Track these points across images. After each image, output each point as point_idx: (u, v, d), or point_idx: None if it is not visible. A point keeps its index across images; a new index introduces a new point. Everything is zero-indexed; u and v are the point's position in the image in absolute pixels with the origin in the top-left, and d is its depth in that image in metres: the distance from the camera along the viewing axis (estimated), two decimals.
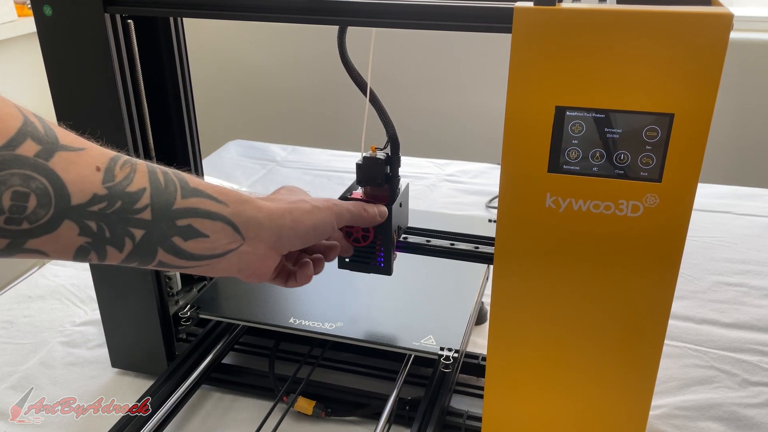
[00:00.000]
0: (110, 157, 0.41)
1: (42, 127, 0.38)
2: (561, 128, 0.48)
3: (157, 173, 0.43)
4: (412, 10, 0.53)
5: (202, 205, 0.44)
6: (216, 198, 0.45)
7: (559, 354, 0.57)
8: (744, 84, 1.85)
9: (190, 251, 0.45)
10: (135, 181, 0.41)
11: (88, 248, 0.40)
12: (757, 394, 0.76)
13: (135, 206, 0.41)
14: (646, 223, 0.49)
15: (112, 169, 0.40)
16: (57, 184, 0.37)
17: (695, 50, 0.44)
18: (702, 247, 1.08)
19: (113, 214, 0.40)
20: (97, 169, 0.40)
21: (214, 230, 0.45)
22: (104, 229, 0.40)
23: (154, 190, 0.42)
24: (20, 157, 0.36)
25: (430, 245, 0.67)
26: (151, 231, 0.42)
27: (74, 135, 0.40)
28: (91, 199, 0.39)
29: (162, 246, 0.43)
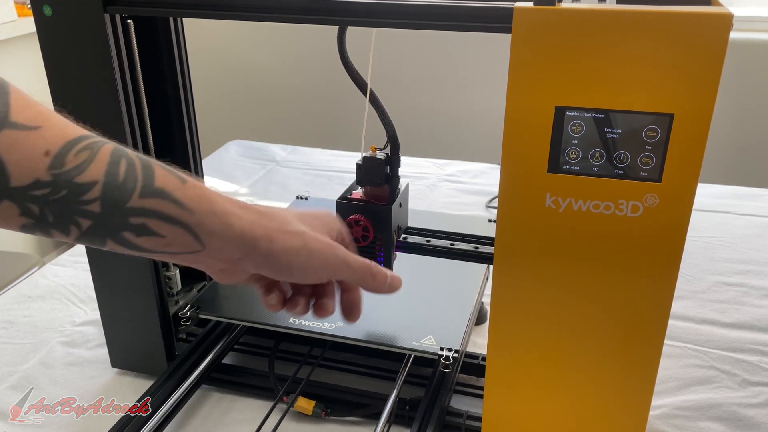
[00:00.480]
0: (67, 141, 0.37)
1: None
2: (561, 128, 0.48)
3: (119, 166, 0.39)
4: (412, 10, 0.53)
5: (162, 207, 0.40)
6: (180, 203, 0.41)
7: (559, 354, 0.57)
8: (744, 84, 1.85)
9: (143, 246, 0.41)
10: (87, 172, 0.38)
11: (33, 227, 0.38)
12: (757, 394, 0.76)
13: (82, 197, 0.38)
14: (646, 223, 0.49)
15: (64, 156, 0.37)
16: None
17: (695, 50, 0.44)
18: (702, 247, 1.08)
19: (57, 201, 0.37)
20: (45, 153, 0.36)
21: (172, 233, 0.41)
22: (47, 214, 0.38)
23: (107, 185, 0.38)
24: None
25: (430, 245, 0.67)
26: (99, 223, 0.39)
27: (36, 109, 0.37)
28: (33, 184, 0.36)
29: (111, 238, 0.40)
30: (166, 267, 0.77)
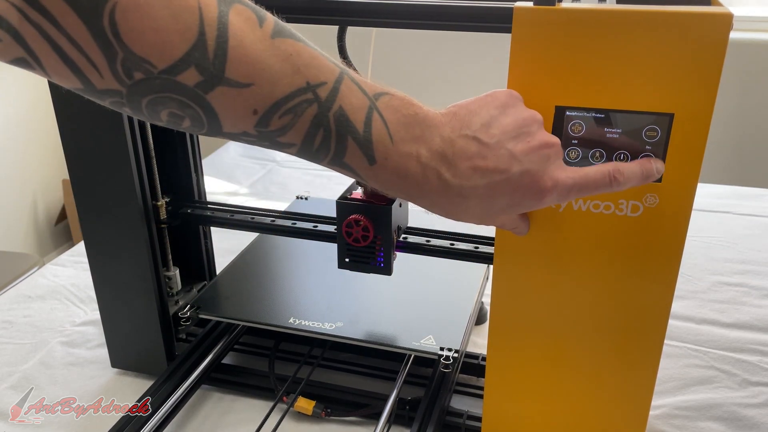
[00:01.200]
0: (274, 102, 0.38)
1: (213, 51, 0.35)
2: (561, 128, 0.48)
3: (316, 137, 0.40)
4: (412, 10, 0.53)
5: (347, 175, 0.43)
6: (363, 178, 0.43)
7: (559, 354, 0.57)
8: (744, 84, 1.85)
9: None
10: (287, 135, 0.39)
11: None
12: (757, 394, 0.76)
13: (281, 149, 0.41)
14: (646, 223, 0.49)
15: (269, 117, 0.38)
16: (211, 115, 0.37)
17: (695, 50, 0.44)
18: (702, 247, 1.08)
19: (261, 143, 0.40)
20: (254, 112, 0.38)
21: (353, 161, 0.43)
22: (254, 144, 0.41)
23: (302, 150, 0.41)
24: (180, 85, 0.35)
25: (430, 245, 0.67)
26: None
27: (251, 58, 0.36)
28: (242, 134, 0.39)
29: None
30: (166, 267, 0.77)
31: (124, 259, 0.71)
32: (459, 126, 0.42)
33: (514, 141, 0.42)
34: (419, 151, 0.41)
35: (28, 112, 2.10)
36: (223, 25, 0.35)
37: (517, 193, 0.43)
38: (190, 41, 0.34)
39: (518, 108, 0.44)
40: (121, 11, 0.32)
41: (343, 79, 0.40)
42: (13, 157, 2.08)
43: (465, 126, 0.42)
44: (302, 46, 0.39)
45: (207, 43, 0.35)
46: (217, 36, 0.35)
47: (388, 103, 0.41)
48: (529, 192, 0.43)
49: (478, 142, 0.42)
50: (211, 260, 0.86)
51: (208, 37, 0.35)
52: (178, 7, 0.34)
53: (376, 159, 0.41)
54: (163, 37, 0.34)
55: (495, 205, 0.43)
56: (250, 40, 0.36)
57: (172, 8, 0.34)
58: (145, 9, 0.33)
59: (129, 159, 0.66)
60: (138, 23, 0.33)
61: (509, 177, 0.42)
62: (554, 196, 0.43)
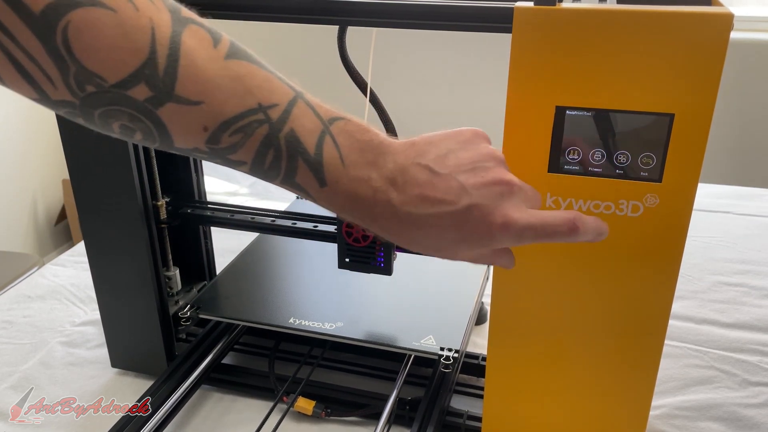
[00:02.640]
0: (224, 121, 0.38)
1: (163, 68, 0.36)
2: (561, 128, 0.48)
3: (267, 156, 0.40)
4: (412, 10, 0.53)
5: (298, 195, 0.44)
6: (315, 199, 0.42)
7: (559, 354, 0.57)
8: (744, 84, 1.85)
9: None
10: (238, 153, 0.40)
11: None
12: (757, 394, 0.76)
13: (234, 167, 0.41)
14: (646, 223, 0.49)
15: (219, 135, 0.39)
16: (161, 130, 0.38)
17: (695, 50, 0.44)
18: (702, 247, 1.08)
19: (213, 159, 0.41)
20: (204, 129, 0.38)
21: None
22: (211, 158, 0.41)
23: (253, 168, 0.41)
24: (130, 99, 0.36)
25: None
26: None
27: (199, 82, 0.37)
28: (193, 150, 0.40)
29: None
30: (166, 267, 0.77)
31: (124, 259, 0.71)
32: (414, 154, 0.42)
33: (467, 174, 0.42)
34: (371, 175, 0.41)
35: (28, 112, 2.10)
36: (175, 44, 0.36)
37: (466, 226, 0.42)
38: (141, 59, 0.35)
39: (480, 145, 0.44)
40: (74, 29, 0.33)
41: (296, 101, 0.40)
42: (13, 157, 2.08)
43: (420, 155, 0.42)
44: (256, 68, 0.39)
45: (158, 61, 0.36)
46: (168, 55, 0.36)
47: (342, 127, 0.41)
48: (477, 227, 0.42)
49: (430, 171, 0.42)
50: (211, 260, 0.86)
51: (159, 55, 0.36)
52: (131, 26, 0.35)
53: (327, 181, 0.41)
54: (115, 54, 0.34)
55: (445, 237, 0.43)
56: (203, 59, 0.37)
57: (125, 27, 0.34)
58: (97, 27, 0.34)
59: (129, 159, 0.66)
60: (90, 41, 0.34)
61: (457, 209, 0.42)
62: (506, 236, 0.42)
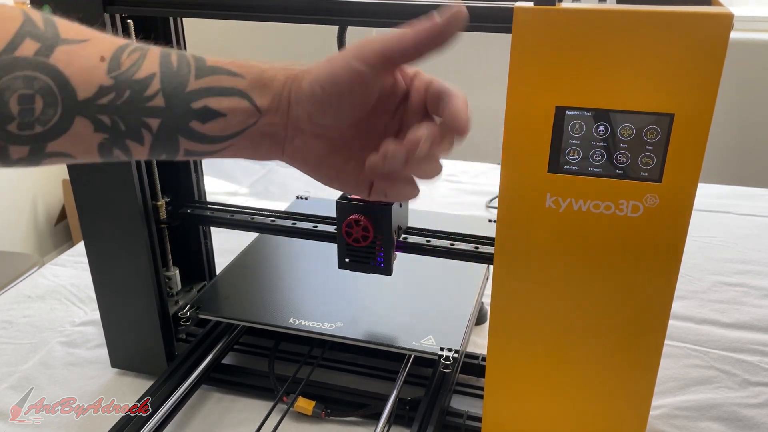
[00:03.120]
0: (118, 46, 0.39)
1: (43, 24, 0.37)
2: (561, 128, 0.48)
3: (171, 56, 0.40)
4: (412, 11, 0.53)
5: (218, 82, 0.41)
6: (233, 72, 0.42)
7: (559, 354, 0.57)
8: (744, 84, 1.85)
9: (210, 134, 0.41)
10: (143, 67, 0.39)
11: (109, 145, 0.39)
12: (757, 394, 0.76)
13: (145, 93, 0.39)
14: (646, 223, 0.49)
15: (118, 57, 0.38)
16: (60, 80, 0.37)
17: (695, 50, 0.44)
18: (702, 247, 1.08)
19: (124, 105, 0.38)
20: (101, 59, 0.38)
21: (230, 107, 0.41)
22: (118, 123, 0.39)
23: (164, 74, 0.39)
24: (20, 59, 0.36)
25: (430, 245, 0.67)
26: (166, 119, 0.40)
27: (80, 27, 0.38)
28: (98, 92, 0.38)
29: (182, 133, 0.41)
30: (166, 267, 0.77)
31: (124, 259, 0.71)
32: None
33: None
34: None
35: None
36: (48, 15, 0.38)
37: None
38: (18, 22, 0.36)
39: None
40: None
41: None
42: None
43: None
44: None
45: (34, 20, 0.37)
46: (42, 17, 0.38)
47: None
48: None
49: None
50: (211, 260, 0.86)
51: (33, 17, 0.37)
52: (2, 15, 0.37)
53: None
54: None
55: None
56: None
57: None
58: None
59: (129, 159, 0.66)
60: None
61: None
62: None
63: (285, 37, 2.25)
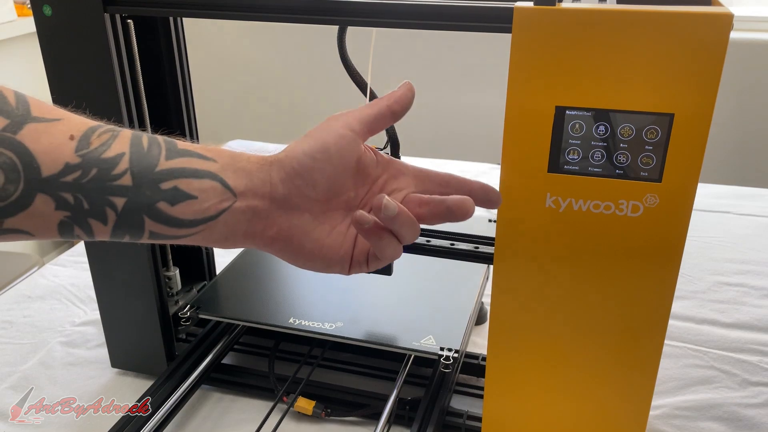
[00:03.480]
0: (89, 126, 0.39)
1: (14, 101, 0.37)
2: (561, 128, 0.48)
3: (142, 138, 0.40)
4: (412, 10, 0.53)
5: (188, 164, 0.41)
6: (204, 155, 0.42)
7: (559, 354, 0.57)
8: (744, 84, 1.85)
9: (180, 216, 0.40)
10: (113, 147, 0.38)
11: (70, 223, 0.38)
12: (757, 394, 0.76)
13: (113, 172, 0.38)
14: (646, 223, 0.49)
15: (88, 137, 0.38)
16: (25, 157, 0.36)
17: (695, 50, 0.44)
18: (702, 247, 1.08)
19: (89, 183, 0.37)
20: (70, 137, 0.37)
21: (202, 189, 0.41)
22: (82, 201, 0.38)
23: (134, 154, 0.39)
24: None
25: (430, 245, 0.67)
26: (133, 198, 0.39)
27: (53, 107, 0.38)
28: (63, 169, 0.37)
29: (148, 214, 0.39)
30: (166, 267, 0.77)
31: (124, 259, 0.71)
32: None
33: None
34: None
35: None
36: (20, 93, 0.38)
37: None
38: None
39: None
40: None
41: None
42: None
43: None
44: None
45: (6, 97, 0.37)
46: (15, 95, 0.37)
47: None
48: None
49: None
50: (211, 260, 0.86)
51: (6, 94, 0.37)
52: None
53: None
54: None
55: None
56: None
57: None
58: None
59: None
60: None
61: None
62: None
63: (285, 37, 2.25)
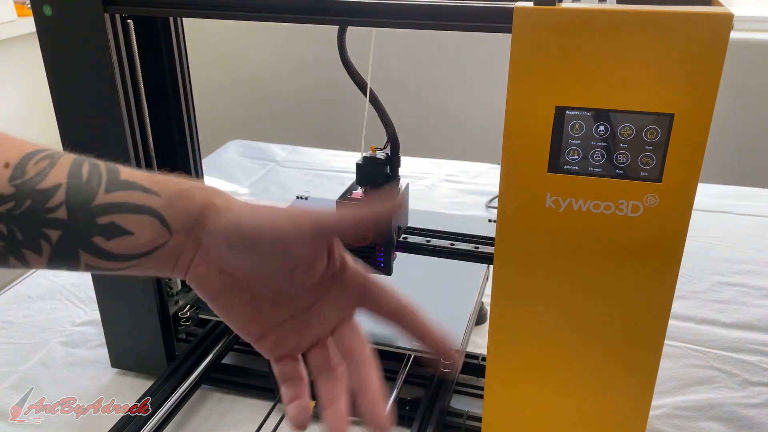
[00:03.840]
0: (27, 152, 0.37)
1: None
2: (561, 128, 0.48)
3: (82, 167, 0.38)
4: (412, 10, 0.53)
5: (129, 198, 0.38)
6: (148, 189, 0.39)
7: (559, 354, 0.57)
8: (744, 84, 1.85)
9: (115, 251, 0.39)
10: (49, 177, 0.37)
11: (5, 252, 0.37)
12: (757, 394, 0.76)
13: (47, 204, 0.37)
14: (646, 223, 0.49)
15: (24, 165, 0.36)
16: None
17: (695, 50, 0.44)
18: (702, 247, 1.08)
19: (23, 214, 0.36)
20: (5, 165, 0.36)
21: (140, 225, 0.39)
22: (15, 232, 0.36)
23: (71, 186, 0.37)
24: None
25: (430, 245, 0.67)
26: (68, 231, 0.37)
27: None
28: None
29: (83, 248, 0.38)
30: None
31: None
32: None
33: None
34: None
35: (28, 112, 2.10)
36: None
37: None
38: None
39: None
40: None
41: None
42: None
43: None
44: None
45: None
46: None
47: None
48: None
49: None
50: None
51: None
52: None
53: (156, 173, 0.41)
54: None
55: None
56: None
57: None
58: None
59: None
60: None
61: None
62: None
63: (285, 37, 2.25)
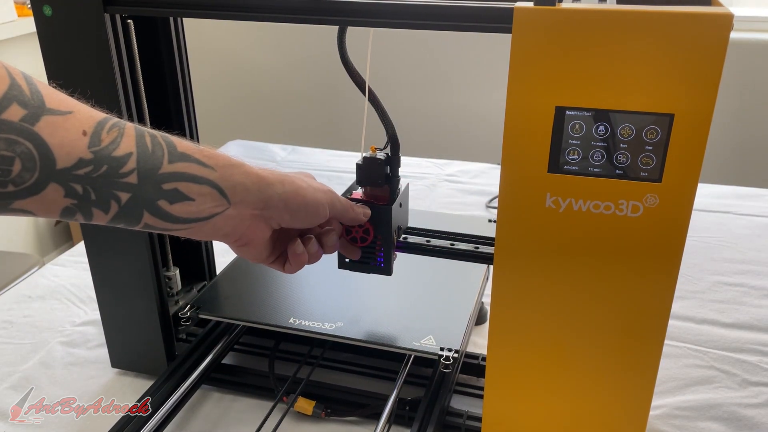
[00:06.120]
0: (97, 121, 0.41)
1: (28, 90, 0.38)
2: (561, 128, 0.48)
3: (145, 137, 0.43)
4: (412, 10, 0.53)
5: (189, 169, 0.45)
6: (203, 162, 0.46)
7: (559, 354, 0.57)
8: (744, 84, 1.86)
9: (176, 214, 0.45)
10: (122, 146, 0.41)
11: (74, 209, 0.41)
12: (757, 394, 0.76)
13: (121, 170, 0.41)
14: (646, 223, 0.49)
15: (99, 134, 0.41)
16: (42, 149, 0.38)
17: (695, 50, 0.44)
18: (702, 247, 1.08)
19: (99, 177, 0.40)
20: (83, 133, 0.40)
21: (201, 194, 0.46)
22: (90, 192, 0.41)
23: (140, 155, 0.42)
24: (5, 122, 0.37)
25: (430, 245, 0.67)
26: (137, 194, 0.42)
27: (62, 96, 0.40)
28: (77, 163, 0.39)
29: (148, 209, 0.44)
30: (166, 267, 0.77)
31: (124, 259, 0.71)
32: None
33: None
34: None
35: None
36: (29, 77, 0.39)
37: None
38: (5, 83, 0.37)
39: None
40: None
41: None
42: None
43: None
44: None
45: (21, 86, 0.38)
46: (27, 82, 0.39)
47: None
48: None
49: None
50: (211, 260, 0.86)
51: (20, 82, 0.38)
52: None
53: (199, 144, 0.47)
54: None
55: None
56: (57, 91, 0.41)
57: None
58: None
59: None
60: None
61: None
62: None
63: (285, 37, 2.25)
